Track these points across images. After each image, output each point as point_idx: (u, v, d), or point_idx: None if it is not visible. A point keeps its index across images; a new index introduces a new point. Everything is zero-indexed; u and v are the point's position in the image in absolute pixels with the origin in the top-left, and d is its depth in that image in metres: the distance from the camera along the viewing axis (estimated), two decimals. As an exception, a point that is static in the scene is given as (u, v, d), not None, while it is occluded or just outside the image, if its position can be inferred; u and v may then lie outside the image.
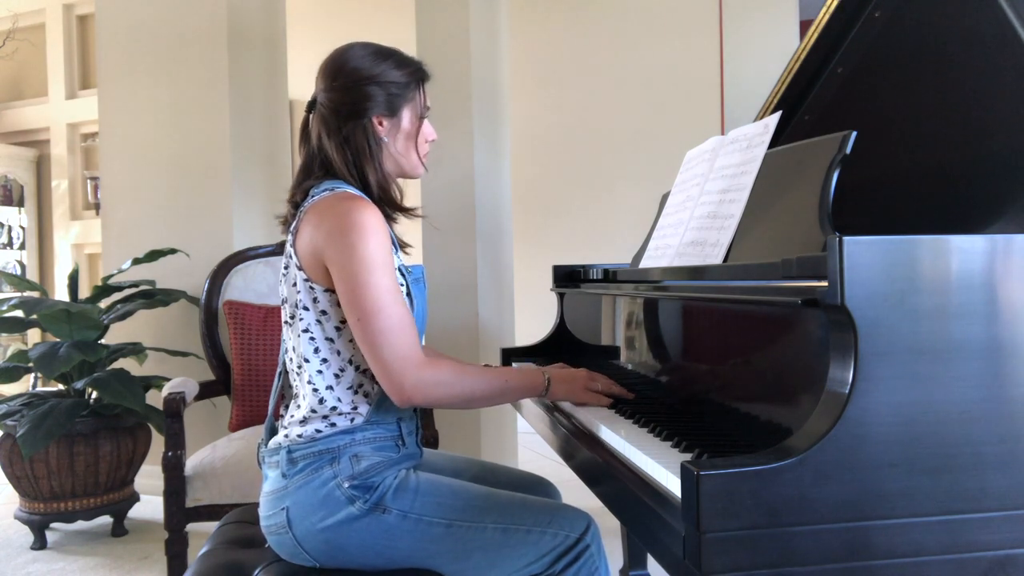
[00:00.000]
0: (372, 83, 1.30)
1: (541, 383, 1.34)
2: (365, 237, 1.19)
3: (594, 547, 1.25)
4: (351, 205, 1.23)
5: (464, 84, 3.08)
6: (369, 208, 1.23)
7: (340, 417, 1.26)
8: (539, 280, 3.03)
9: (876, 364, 0.83)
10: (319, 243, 1.23)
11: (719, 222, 1.34)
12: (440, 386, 1.23)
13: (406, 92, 1.34)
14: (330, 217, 1.23)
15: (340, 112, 1.30)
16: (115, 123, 3.37)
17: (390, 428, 1.29)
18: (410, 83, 1.35)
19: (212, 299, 2.63)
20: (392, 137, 1.34)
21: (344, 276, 1.20)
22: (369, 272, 1.19)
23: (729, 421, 1.14)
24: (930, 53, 1.46)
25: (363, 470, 1.24)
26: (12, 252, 5.88)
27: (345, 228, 1.20)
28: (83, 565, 2.57)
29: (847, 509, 0.82)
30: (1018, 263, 0.87)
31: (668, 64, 4.26)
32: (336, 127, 1.30)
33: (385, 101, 1.31)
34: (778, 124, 1.34)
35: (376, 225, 1.22)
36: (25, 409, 2.69)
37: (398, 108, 1.33)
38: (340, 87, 1.30)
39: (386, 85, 1.31)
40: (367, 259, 1.19)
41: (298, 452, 1.25)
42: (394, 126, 1.34)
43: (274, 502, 1.26)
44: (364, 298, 1.19)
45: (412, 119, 1.36)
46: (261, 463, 1.33)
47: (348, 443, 1.25)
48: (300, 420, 1.27)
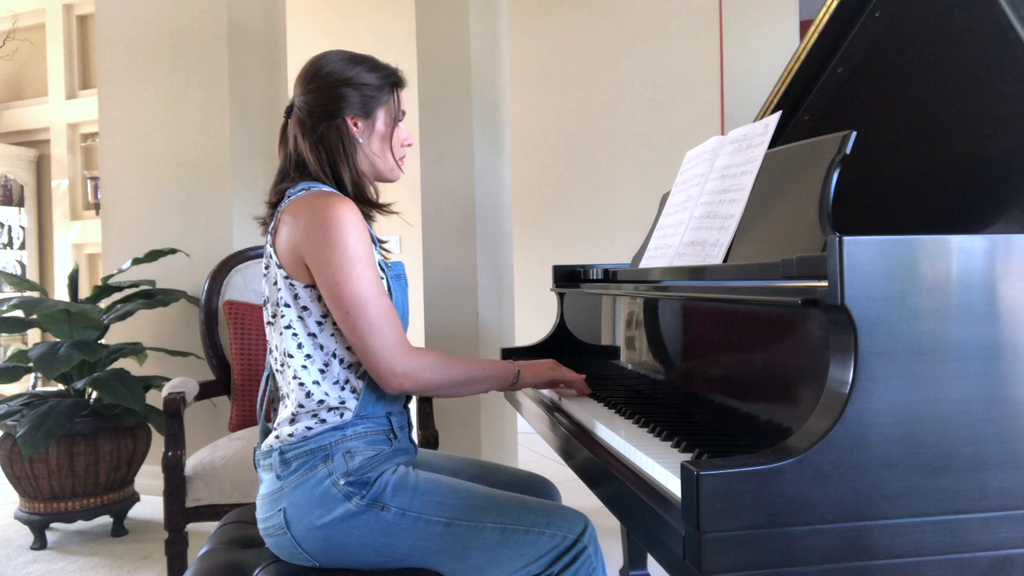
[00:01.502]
0: (346, 85, 1.34)
1: (513, 372, 1.40)
2: (344, 231, 1.22)
3: (591, 548, 1.25)
4: (327, 201, 1.25)
5: (464, 84, 3.08)
6: (345, 203, 1.25)
7: (329, 413, 1.27)
8: (539, 280, 3.04)
9: (876, 364, 0.83)
10: (297, 239, 1.25)
11: (719, 222, 1.35)
12: (429, 369, 1.26)
13: (380, 95, 1.38)
14: (306, 213, 1.25)
15: (315, 113, 1.33)
16: (115, 123, 3.37)
17: (380, 422, 1.31)
18: (383, 86, 1.38)
19: (212, 299, 2.63)
20: (367, 138, 1.37)
21: (327, 271, 1.22)
22: (352, 265, 1.21)
23: (729, 421, 1.14)
24: (930, 53, 1.46)
25: (358, 466, 1.25)
26: (12, 252, 5.89)
27: (323, 223, 1.22)
28: (83, 565, 2.57)
29: (847, 509, 0.82)
30: (1018, 263, 0.87)
31: (668, 64, 4.26)
32: (311, 127, 1.33)
33: (359, 102, 1.35)
34: (778, 124, 1.34)
35: (354, 219, 1.24)
36: (25, 409, 2.69)
37: (372, 110, 1.37)
38: (315, 89, 1.34)
39: (360, 87, 1.35)
40: (348, 253, 1.21)
41: (291, 452, 1.25)
42: (368, 127, 1.37)
43: (270, 504, 1.26)
44: (350, 292, 1.21)
45: (387, 121, 1.39)
46: (256, 466, 1.33)
47: (339, 439, 1.26)
48: (289, 419, 1.28)
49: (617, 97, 4.38)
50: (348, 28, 4.95)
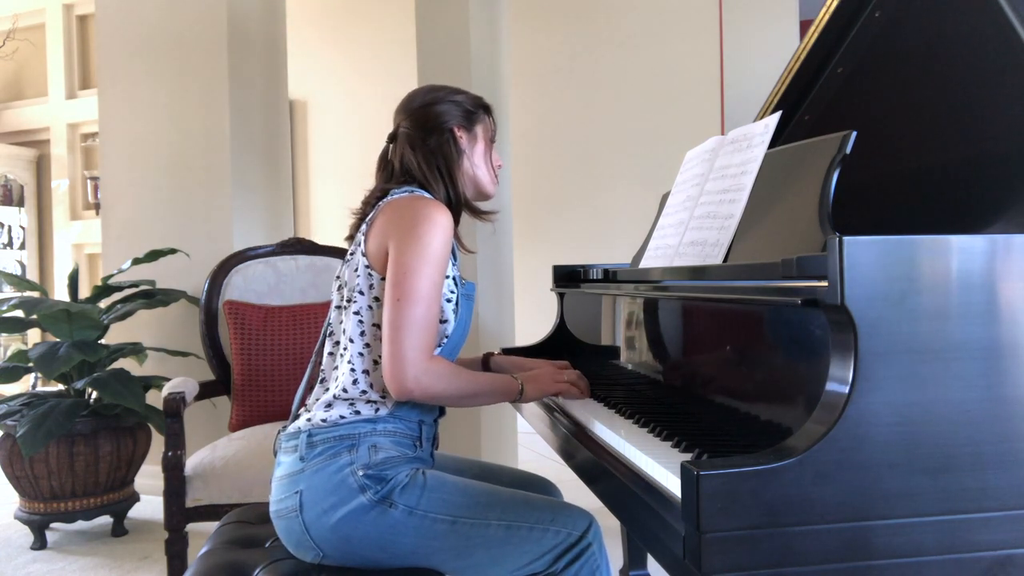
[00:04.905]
0: (446, 102, 1.45)
1: (516, 389, 1.40)
2: (432, 231, 1.27)
3: (596, 546, 1.26)
4: (427, 203, 1.32)
5: (464, 84, 3.07)
6: (442, 209, 1.32)
7: (366, 405, 1.29)
8: (539, 280, 3.04)
9: (876, 364, 0.83)
10: (389, 231, 1.30)
11: (719, 222, 1.35)
12: (442, 379, 1.27)
13: (477, 112, 1.48)
14: (406, 210, 1.31)
15: (425, 128, 1.43)
16: (115, 123, 3.37)
17: (411, 426, 1.33)
18: (477, 104, 1.49)
19: (212, 299, 2.63)
20: (470, 150, 1.46)
21: (400, 260, 1.26)
22: (425, 263, 1.26)
23: (729, 421, 1.14)
24: (930, 53, 1.46)
25: (379, 461, 1.26)
26: (12, 252, 5.88)
27: (417, 220, 1.28)
28: (83, 565, 2.57)
29: (847, 509, 0.82)
30: (1018, 263, 0.87)
31: (668, 64, 4.26)
32: (421, 140, 1.42)
33: (461, 114, 1.46)
34: (778, 124, 1.34)
35: (445, 225, 1.29)
36: (25, 409, 2.69)
37: (473, 123, 1.47)
38: (419, 107, 1.45)
39: (457, 104, 1.46)
40: (428, 250, 1.26)
41: (319, 436, 1.27)
42: (472, 140, 1.47)
43: (288, 485, 1.27)
44: (411, 284, 1.24)
45: (485, 138, 1.50)
46: (277, 450, 1.35)
47: (369, 432, 1.28)
48: (326, 404, 1.30)
49: (617, 97, 4.38)
50: (348, 28, 4.95)
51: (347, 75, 4.99)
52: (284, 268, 2.73)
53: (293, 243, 2.80)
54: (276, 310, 2.56)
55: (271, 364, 2.47)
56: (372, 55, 4.88)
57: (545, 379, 1.44)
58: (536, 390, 1.42)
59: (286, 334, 2.50)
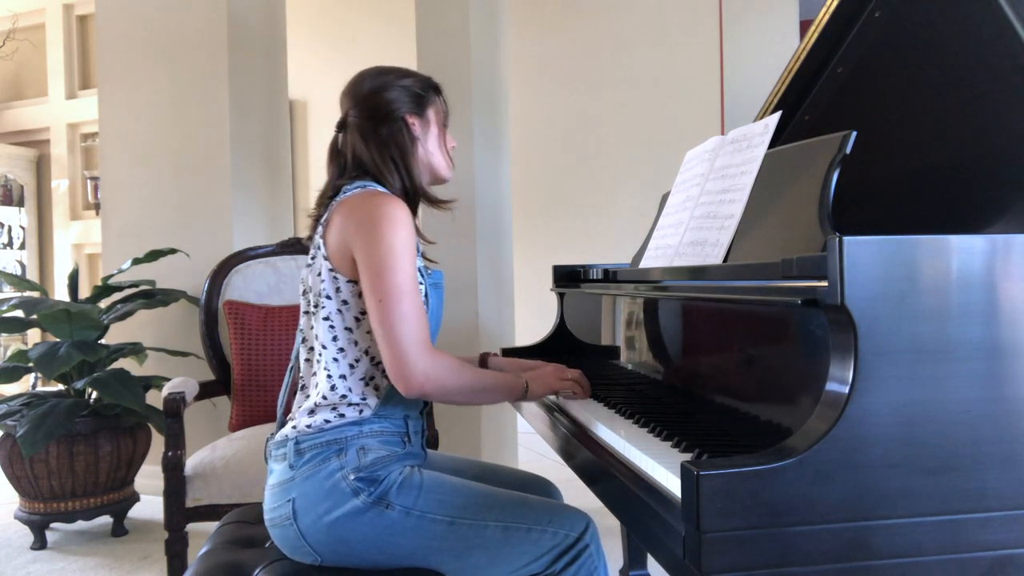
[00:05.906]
0: (395, 87, 1.40)
1: (521, 386, 1.39)
2: (394, 227, 1.25)
3: (593, 547, 1.25)
4: (382, 199, 1.29)
5: (464, 84, 3.08)
6: (398, 202, 1.29)
7: (349, 408, 1.28)
8: (539, 280, 3.04)
9: (876, 364, 0.83)
10: (348, 233, 1.28)
11: (719, 222, 1.34)
12: (451, 372, 1.25)
13: (427, 95, 1.44)
14: (361, 209, 1.28)
15: (375, 116, 1.38)
16: (115, 123, 3.37)
17: (397, 423, 1.32)
18: (427, 86, 1.44)
19: (212, 299, 2.63)
20: (423, 136, 1.42)
21: (370, 262, 1.24)
22: (396, 259, 1.24)
23: (729, 421, 1.14)
24: (930, 53, 1.46)
25: (369, 463, 1.25)
26: (12, 252, 5.88)
27: (376, 219, 1.25)
28: (83, 565, 2.57)
29: (847, 509, 0.82)
30: (1018, 263, 0.87)
31: (668, 64, 4.26)
32: (373, 130, 1.38)
33: (411, 99, 1.41)
34: (778, 124, 1.34)
35: (404, 219, 1.27)
36: (25, 409, 2.69)
37: (424, 108, 1.43)
38: (368, 94, 1.39)
39: (407, 88, 1.41)
40: (395, 247, 1.24)
41: (306, 443, 1.26)
42: (424, 126, 1.42)
43: (280, 494, 1.27)
44: (388, 282, 1.23)
45: (438, 121, 1.45)
46: (268, 458, 1.34)
47: (356, 435, 1.27)
48: (309, 410, 1.29)
49: (617, 97, 4.38)
50: (348, 28, 4.95)
51: (347, 75, 4.97)
52: (284, 268, 2.73)
53: (293, 243, 2.80)
54: (276, 310, 2.56)
55: (271, 364, 2.47)
56: (372, 55, 4.86)
57: (550, 376, 1.44)
58: (541, 387, 1.42)
59: (286, 334, 2.50)
